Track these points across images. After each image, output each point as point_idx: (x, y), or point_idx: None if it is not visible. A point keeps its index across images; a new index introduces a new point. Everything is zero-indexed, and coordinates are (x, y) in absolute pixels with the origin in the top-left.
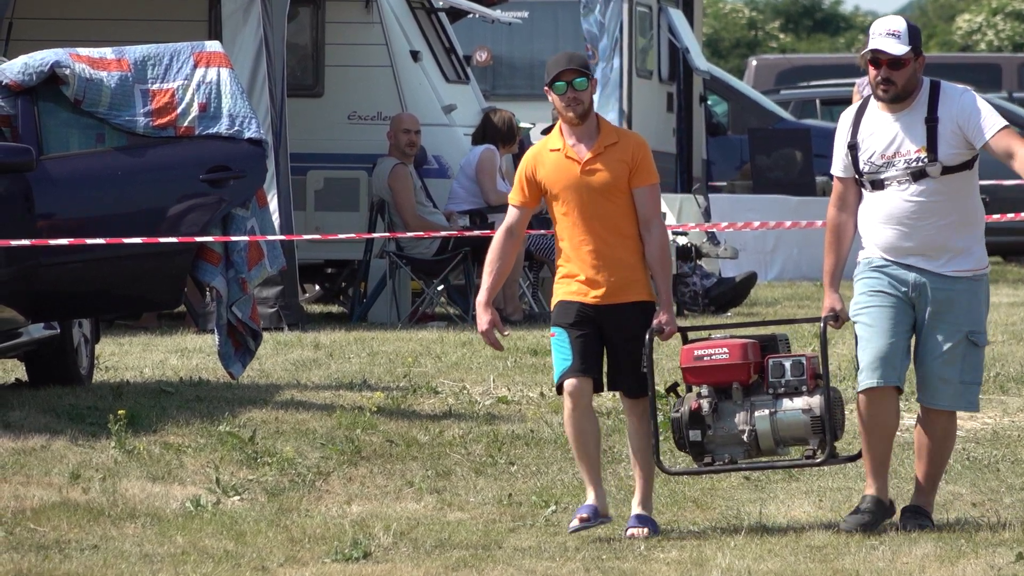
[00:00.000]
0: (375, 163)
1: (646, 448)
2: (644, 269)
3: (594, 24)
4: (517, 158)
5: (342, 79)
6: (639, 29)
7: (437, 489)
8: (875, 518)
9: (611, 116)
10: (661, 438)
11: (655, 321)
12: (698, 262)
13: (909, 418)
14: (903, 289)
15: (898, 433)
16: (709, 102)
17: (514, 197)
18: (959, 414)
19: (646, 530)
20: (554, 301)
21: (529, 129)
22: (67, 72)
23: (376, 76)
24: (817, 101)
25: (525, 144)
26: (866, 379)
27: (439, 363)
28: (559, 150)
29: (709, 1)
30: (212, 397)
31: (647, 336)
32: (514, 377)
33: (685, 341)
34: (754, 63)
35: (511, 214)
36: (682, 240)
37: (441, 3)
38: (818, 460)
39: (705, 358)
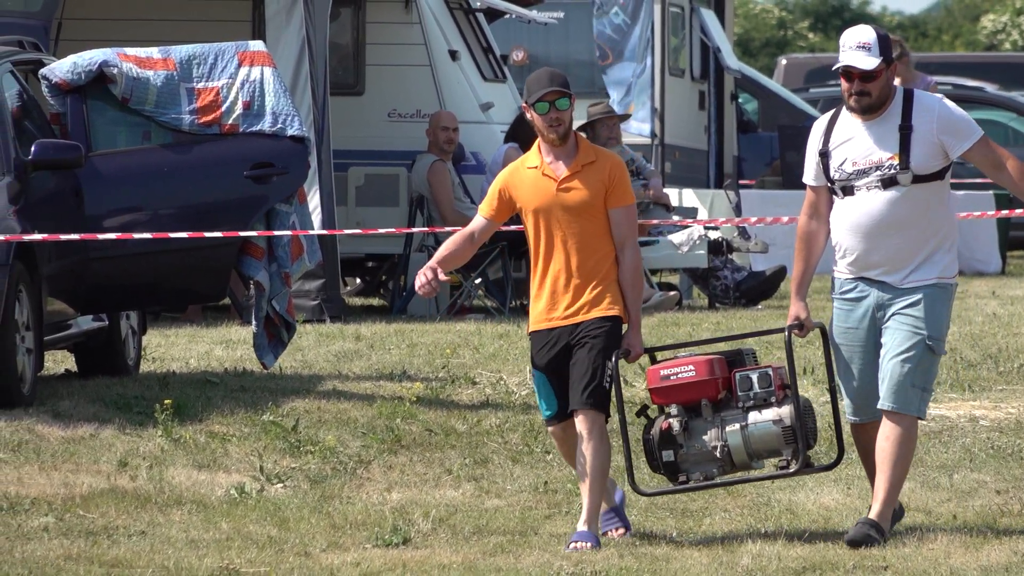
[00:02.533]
0: (414, 160)
1: (597, 469)
2: (616, 288)
3: (607, 26)
4: None
5: (382, 78)
6: (671, 29)
7: (475, 477)
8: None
9: (643, 114)
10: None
11: (623, 343)
12: (729, 256)
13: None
14: (868, 312)
15: (922, 423)
16: (740, 100)
17: (484, 208)
18: (988, 405)
19: (588, 544)
20: (530, 326)
21: None
22: (115, 71)
23: (415, 75)
24: None
25: None
26: (850, 414)
27: (477, 354)
28: (537, 167)
29: (740, 1)
30: (256, 387)
31: (613, 356)
32: None
33: (653, 362)
34: (784, 62)
35: (477, 222)
36: (714, 234)
37: (479, 4)
38: (791, 471)
39: (672, 377)
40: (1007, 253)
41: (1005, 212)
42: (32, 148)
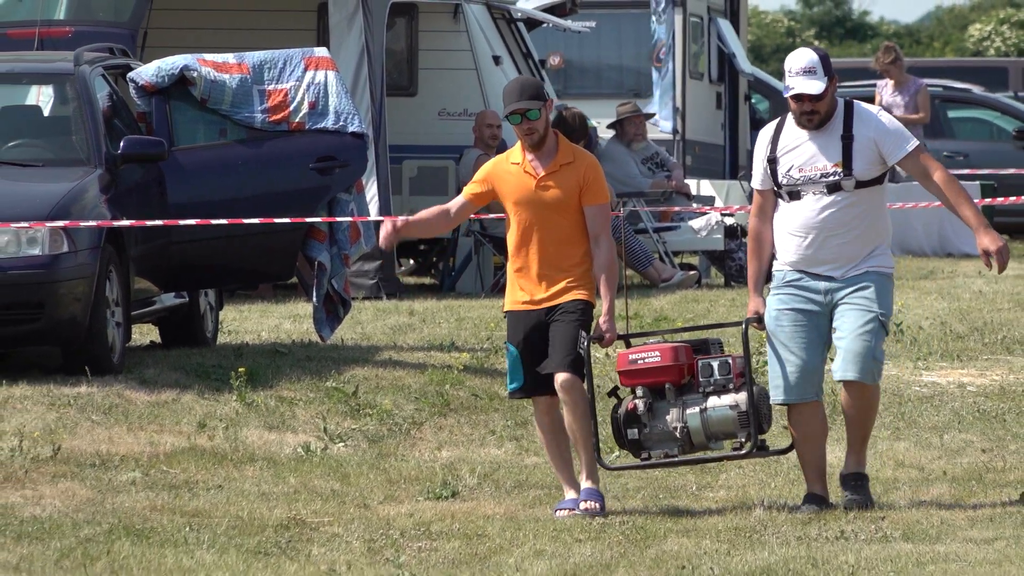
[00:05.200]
0: (462, 154)
1: (585, 428)
2: (589, 278)
3: (661, 32)
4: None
5: (433, 80)
6: (692, 36)
7: (516, 437)
8: (822, 508)
9: (667, 112)
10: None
11: (595, 327)
12: (743, 239)
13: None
14: (816, 298)
15: (912, 384)
16: (753, 100)
17: (467, 190)
18: (975, 373)
19: (597, 504)
20: (505, 306)
21: (595, 127)
22: (195, 75)
23: (463, 78)
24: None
25: (593, 139)
26: (783, 395)
27: None
28: (519, 164)
29: (752, 12)
30: (320, 357)
31: (584, 334)
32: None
33: (628, 347)
34: None
35: (458, 200)
36: (729, 220)
37: (519, 14)
38: (742, 452)
39: (638, 362)
40: None
41: (988, 200)
42: (121, 143)
